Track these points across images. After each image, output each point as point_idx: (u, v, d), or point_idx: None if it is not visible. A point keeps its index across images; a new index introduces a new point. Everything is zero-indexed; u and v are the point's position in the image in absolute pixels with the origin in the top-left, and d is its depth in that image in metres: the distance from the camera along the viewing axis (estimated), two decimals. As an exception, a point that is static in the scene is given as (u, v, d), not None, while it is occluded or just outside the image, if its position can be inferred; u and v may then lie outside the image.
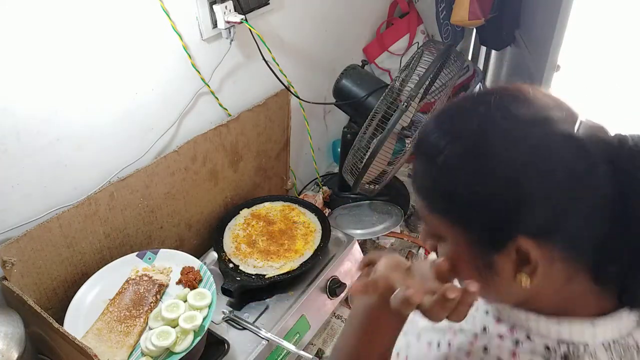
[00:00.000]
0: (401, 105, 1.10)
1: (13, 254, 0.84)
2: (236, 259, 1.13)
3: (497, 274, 0.48)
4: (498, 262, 0.47)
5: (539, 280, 0.46)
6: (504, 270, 0.48)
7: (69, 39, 0.83)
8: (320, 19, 1.44)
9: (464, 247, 0.49)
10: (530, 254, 0.45)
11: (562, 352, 0.48)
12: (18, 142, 0.82)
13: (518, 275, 0.47)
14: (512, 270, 0.47)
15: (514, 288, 0.48)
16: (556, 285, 0.48)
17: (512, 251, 0.46)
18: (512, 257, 0.46)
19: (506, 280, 0.48)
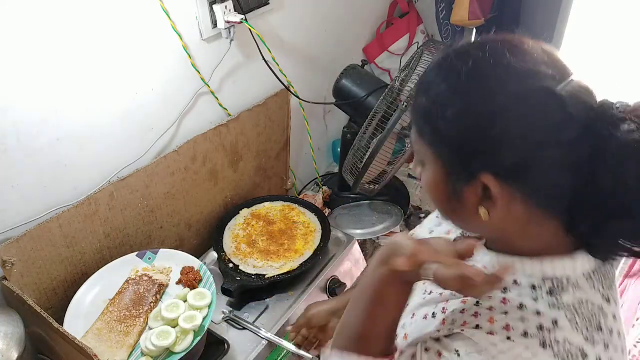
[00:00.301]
0: (401, 105, 1.10)
1: (13, 254, 0.84)
2: (236, 259, 1.12)
3: (463, 205, 0.53)
4: (465, 193, 0.52)
5: (496, 216, 0.51)
6: (468, 202, 0.53)
7: (69, 39, 0.83)
8: (320, 19, 1.44)
9: (440, 174, 0.54)
10: (492, 191, 0.50)
11: (548, 287, 0.52)
12: (18, 142, 0.82)
13: (480, 208, 0.52)
14: (476, 203, 0.52)
15: (477, 220, 0.53)
16: (518, 225, 0.52)
17: (478, 185, 0.51)
18: (477, 191, 0.51)
19: (470, 211, 0.53)
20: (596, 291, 0.52)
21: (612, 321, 0.52)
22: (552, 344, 0.48)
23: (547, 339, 0.48)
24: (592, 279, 0.53)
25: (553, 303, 0.51)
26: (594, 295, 0.52)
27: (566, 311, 0.50)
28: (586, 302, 0.51)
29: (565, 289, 0.52)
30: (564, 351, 0.48)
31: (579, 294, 0.51)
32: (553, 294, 0.51)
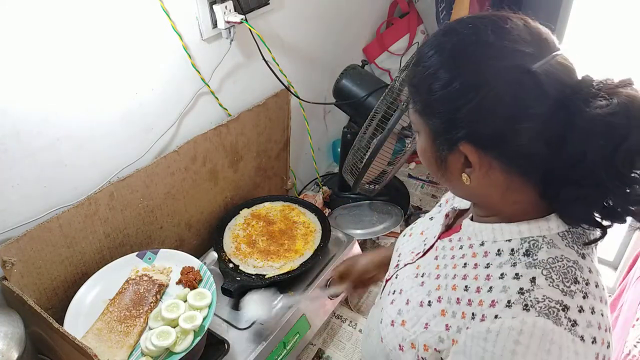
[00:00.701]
0: (401, 105, 1.10)
1: (13, 254, 0.84)
2: (236, 259, 1.13)
3: (449, 170, 0.59)
4: (450, 159, 0.58)
5: (477, 181, 0.57)
6: (453, 167, 0.59)
7: (69, 39, 0.83)
8: (321, 19, 1.44)
9: (428, 141, 0.60)
10: (470, 159, 0.55)
11: (525, 249, 0.57)
12: (18, 142, 0.82)
13: (463, 174, 0.58)
14: (459, 169, 0.58)
15: (461, 184, 0.59)
16: (498, 191, 0.58)
17: (460, 153, 0.56)
18: (459, 158, 0.57)
19: (455, 176, 0.59)
20: (570, 248, 0.56)
21: (588, 274, 0.55)
22: (534, 304, 0.52)
23: (527, 300, 0.52)
24: (566, 237, 0.56)
25: (529, 262, 0.55)
26: (568, 252, 0.55)
27: (542, 269, 0.54)
28: (561, 258, 0.55)
29: (540, 247, 0.56)
30: (545, 307, 0.51)
31: (553, 251, 0.55)
32: (529, 254, 0.56)
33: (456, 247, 0.66)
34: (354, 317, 1.24)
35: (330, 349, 1.16)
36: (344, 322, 1.23)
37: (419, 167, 1.80)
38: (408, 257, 0.76)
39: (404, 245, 0.82)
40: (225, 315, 1.06)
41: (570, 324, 0.51)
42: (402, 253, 0.80)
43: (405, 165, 1.80)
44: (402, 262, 0.77)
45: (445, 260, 0.66)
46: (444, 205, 0.80)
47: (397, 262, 0.79)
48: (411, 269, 0.72)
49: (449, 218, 0.74)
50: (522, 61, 0.51)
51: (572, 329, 0.51)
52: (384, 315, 0.71)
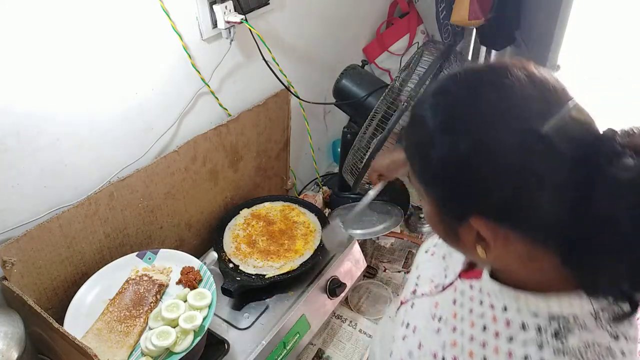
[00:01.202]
0: (401, 105, 1.10)
1: (13, 254, 0.84)
2: (236, 259, 1.13)
3: (461, 242, 0.53)
4: (461, 232, 0.52)
5: (494, 255, 0.51)
6: (466, 240, 0.52)
7: (69, 39, 0.83)
8: (320, 19, 1.44)
9: (434, 210, 0.54)
10: (482, 234, 0.49)
11: (553, 329, 0.50)
12: (18, 142, 0.82)
13: (477, 246, 0.51)
14: (472, 242, 0.51)
15: (476, 255, 0.52)
16: (518, 261, 0.51)
17: (471, 227, 0.50)
18: (471, 231, 0.50)
19: (468, 247, 0.53)
20: (603, 330, 0.49)
21: (621, 357, 0.49)
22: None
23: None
24: (599, 317, 0.50)
25: (558, 348, 0.49)
26: (601, 335, 0.49)
27: (572, 356, 0.48)
28: (592, 344, 0.48)
29: (571, 330, 0.49)
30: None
31: (585, 335, 0.49)
32: (558, 337, 0.49)
33: (476, 299, 0.59)
34: (354, 317, 1.24)
35: (330, 349, 1.16)
36: (344, 322, 1.23)
37: (419, 167, 1.80)
38: (427, 285, 0.70)
39: (424, 264, 0.76)
40: (225, 315, 1.06)
41: None
42: (422, 276, 0.73)
43: (405, 165, 1.79)
44: (420, 289, 0.71)
45: (464, 311, 0.60)
46: None
47: (415, 287, 0.73)
48: (428, 304, 0.67)
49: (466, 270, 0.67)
50: (529, 123, 0.45)
51: None
52: (394, 349, 0.68)
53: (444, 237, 0.57)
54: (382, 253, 1.43)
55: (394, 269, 1.38)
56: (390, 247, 1.45)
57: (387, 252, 1.44)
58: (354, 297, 1.30)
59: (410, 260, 1.40)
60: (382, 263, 1.40)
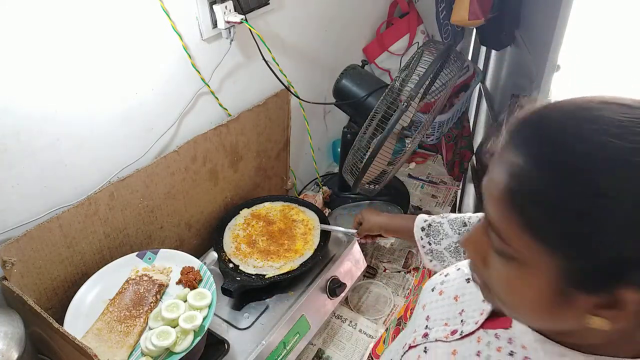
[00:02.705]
0: (401, 105, 1.10)
1: (13, 254, 0.84)
2: (236, 259, 1.13)
3: (569, 308, 0.43)
4: (580, 298, 0.42)
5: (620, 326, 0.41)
6: (579, 307, 0.42)
7: (69, 39, 0.83)
8: (320, 19, 1.44)
9: (548, 276, 0.42)
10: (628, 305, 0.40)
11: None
12: (18, 142, 0.82)
13: (595, 316, 0.42)
14: (589, 310, 0.42)
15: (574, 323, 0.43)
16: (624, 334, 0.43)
17: (608, 297, 0.40)
18: (601, 300, 0.41)
19: (573, 315, 0.43)
20: None
21: None
22: None
23: None
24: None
25: None
26: None
27: None
28: None
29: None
30: None
31: None
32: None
33: (504, 351, 0.53)
34: (354, 317, 1.24)
35: (330, 349, 1.16)
36: (344, 322, 1.23)
37: (419, 167, 1.80)
38: (440, 330, 0.64)
39: (432, 305, 0.69)
40: (225, 315, 1.06)
41: None
42: (432, 318, 0.67)
43: (405, 165, 1.80)
44: (433, 334, 0.65)
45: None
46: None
47: (426, 330, 0.67)
48: (445, 351, 0.61)
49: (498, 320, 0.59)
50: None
51: None
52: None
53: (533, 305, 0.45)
54: (382, 253, 1.44)
55: (394, 269, 1.38)
56: (390, 247, 1.45)
57: (387, 252, 1.44)
58: (354, 297, 1.30)
59: (410, 260, 1.39)
60: (382, 263, 1.40)
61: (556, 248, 0.41)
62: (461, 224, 0.96)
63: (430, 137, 1.74)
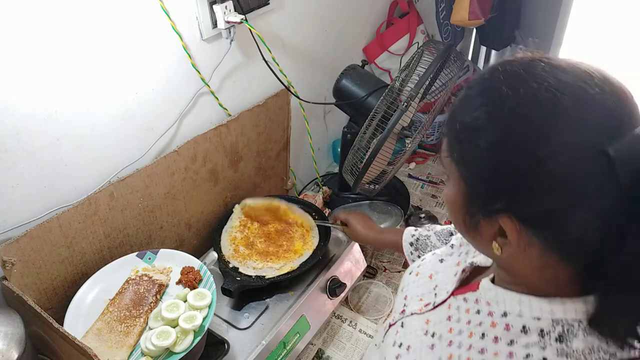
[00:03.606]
0: (401, 105, 1.10)
1: (13, 254, 0.84)
2: (235, 261, 1.12)
3: (478, 232, 0.52)
4: (482, 224, 0.51)
5: (509, 254, 0.50)
6: (484, 233, 0.51)
7: (69, 39, 0.83)
8: (320, 19, 1.44)
9: (460, 197, 0.52)
10: (507, 233, 0.48)
11: (557, 333, 0.49)
12: (18, 142, 0.82)
13: (494, 241, 0.51)
14: (490, 236, 0.51)
15: (488, 249, 0.53)
16: (531, 266, 0.50)
17: (496, 224, 0.49)
18: (493, 227, 0.49)
19: (484, 240, 0.52)
20: None
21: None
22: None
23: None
24: None
25: (562, 350, 0.47)
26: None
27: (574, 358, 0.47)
28: (598, 350, 0.46)
29: (576, 334, 0.47)
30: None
31: (590, 340, 0.47)
32: (562, 341, 0.48)
33: (472, 311, 0.58)
34: (354, 317, 1.24)
35: (330, 349, 1.16)
36: (344, 322, 1.23)
37: (419, 167, 1.80)
38: (415, 304, 0.69)
39: (409, 285, 0.74)
40: (225, 315, 1.06)
41: None
42: (409, 297, 0.72)
43: (405, 165, 1.80)
44: (409, 309, 0.69)
45: (460, 325, 0.59)
46: (457, 250, 0.72)
47: (404, 308, 0.71)
48: (419, 322, 0.65)
49: (466, 273, 0.66)
50: (597, 139, 0.42)
51: None
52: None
53: (460, 225, 0.55)
54: (382, 253, 1.43)
55: (394, 269, 1.38)
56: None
57: (387, 252, 1.44)
58: (354, 297, 1.30)
59: (410, 260, 1.39)
60: (382, 263, 1.40)
61: (458, 167, 0.51)
62: (447, 234, 0.98)
63: (430, 137, 1.74)
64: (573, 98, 0.43)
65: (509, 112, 0.45)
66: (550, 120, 0.43)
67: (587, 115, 0.43)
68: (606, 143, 0.41)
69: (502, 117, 0.45)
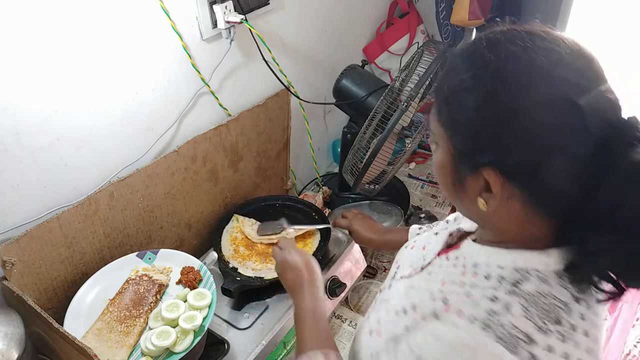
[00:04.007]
0: (401, 105, 1.10)
1: (13, 254, 0.84)
2: (235, 262, 1.12)
3: (464, 191, 0.56)
4: (468, 181, 0.55)
5: (493, 208, 0.54)
6: (470, 190, 0.55)
7: (69, 39, 0.83)
8: (320, 19, 1.44)
9: (448, 157, 0.56)
10: (492, 185, 0.52)
11: (514, 279, 0.53)
12: (18, 142, 0.82)
13: (479, 197, 0.54)
14: (476, 192, 0.54)
15: (474, 208, 0.56)
16: (512, 221, 0.54)
17: (480, 178, 0.53)
18: (479, 182, 0.53)
19: (470, 198, 0.56)
20: (564, 289, 0.52)
21: (578, 319, 0.51)
22: (496, 327, 0.49)
23: (491, 322, 0.50)
24: (563, 277, 0.53)
25: (512, 290, 0.52)
26: (560, 291, 0.52)
27: (522, 298, 0.51)
28: (548, 295, 0.51)
29: (529, 280, 0.53)
30: (507, 334, 0.49)
31: (543, 287, 0.52)
32: (516, 285, 0.53)
33: (450, 265, 0.63)
34: (354, 317, 1.24)
35: (330, 349, 1.16)
36: (344, 322, 1.23)
37: (419, 167, 1.80)
38: (406, 270, 0.72)
39: (404, 256, 0.78)
40: (225, 315, 1.06)
41: (530, 357, 0.48)
42: (401, 265, 0.76)
43: (405, 165, 1.80)
44: (399, 274, 0.73)
45: (436, 277, 0.63)
46: (451, 223, 0.76)
47: (395, 274, 0.75)
48: (405, 283, 0.69)
49: (453, 237, 0.71)
50: (569, 92, 0.47)
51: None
52: (365, 324, 0.70)
53: (448, 185, 0.58)
54: (382, 253, 1.43)
55: (394, 269, 1.38)
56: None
57: (387, 252, 1.44)
58: (354, 297, 1.30)
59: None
60: (382, 263, 1.40)
61: (446, 129, 0.55)
62: None
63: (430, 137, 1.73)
64: (547, 58, 0.48)
65: (491, 73, 0.50)
66: (527, 77, 0.48)
67: (560, 72, 0.48)
68: (577, 97, 0.47)
69: (486, 77, 0.50)
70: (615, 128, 0.47)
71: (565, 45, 0.49)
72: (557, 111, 0.47)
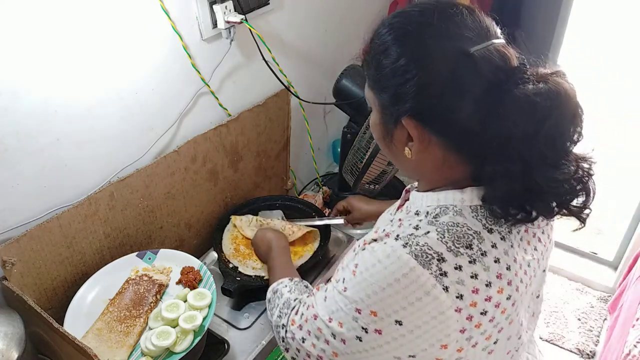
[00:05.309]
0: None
1: (13, 254, 0.84)
2: (235, 261, 1.12)
3: (394, 144, 0.65)
4: (395, 134, 0.64)
5: (417, 155, 0.63)
6: (397, 142, 0.64)
7: (69, 40, 0.83)
8: (321, 19, 1.44)
9: (378, 116, 0.66)
10: (410, 132, 0.61)
11: (435, 213, 0.62)
12: (18, 142, 0.82)
13: (406, 147, 0.63)
14: (403, 143, 0.63)
15: (404, 159, 0.65)
16: (435, 165, 0.64)
17: (403, 128, 0.61)
18: (404, 133, 0.62)
19: (399, 150, 0.65)
20: (477, 220, 0.60)
21: (489, 247, 0.59)
22: (412, 245, 0.58)
23: (410, 241, 0.58)
24: (477, 211, 0.61)
25: (431, 221, 0.61)
26: (473, 222, 0.60)
27: (438, 227, 0.59)
28: (462, 225, 0.59)
29: (447, 213, 0.62)
30: (421, 251, 0.57)
31: (457, 218, 0.60)
32: (436, 217, 0.62)
33: (403, 212, 0.71)
34: (354, 317, 1.23)
35: (330, 349, 1.16)
36: (344, 322, 1.23)
37: (419, 167, 1.80)
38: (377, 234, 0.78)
39: (380, 221, 0.85)
40: (225, 315, 1.06)
41: (439, 272, 0.56)
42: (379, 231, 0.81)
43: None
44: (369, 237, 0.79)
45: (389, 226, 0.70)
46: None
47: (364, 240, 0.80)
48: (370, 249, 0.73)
49: (407, 193, 0.80)
50: (461, 44, 0.57)
51: (439, 277, 0.56)
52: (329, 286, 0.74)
53: (382, 141, 0.67)
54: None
55: (394, 269, 1.38)
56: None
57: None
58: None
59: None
60: (382, 263, 1.40)
61: (374, 91, 0.64)
62: None
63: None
64: (440, 16, 0.58)
65: (397, 32, 0.60)
66: (424, 33, 0.58)
67: (453, 28, 0.58)
68: (469, 47, 0.56)
69: (394, 37, 0.60)
70: (505, 72, 0.56)
71: (457, 7, 0.59)
72: (452, 59, 0.56)
